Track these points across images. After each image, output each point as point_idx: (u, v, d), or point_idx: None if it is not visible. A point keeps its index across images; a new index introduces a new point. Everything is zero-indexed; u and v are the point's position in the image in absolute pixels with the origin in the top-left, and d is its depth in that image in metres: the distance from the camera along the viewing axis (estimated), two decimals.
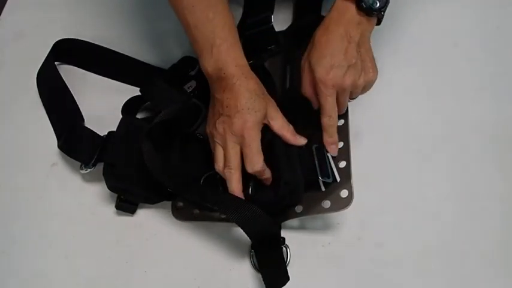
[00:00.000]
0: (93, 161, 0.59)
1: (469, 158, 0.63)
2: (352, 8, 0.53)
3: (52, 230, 0.60)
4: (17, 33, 0.76)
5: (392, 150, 0.63)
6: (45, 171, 0.64)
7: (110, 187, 0.58)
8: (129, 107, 0.65)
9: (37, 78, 0.70)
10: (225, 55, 0.54)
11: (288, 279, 0.53)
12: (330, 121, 0.55)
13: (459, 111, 0.66)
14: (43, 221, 0.61)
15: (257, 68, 0.64)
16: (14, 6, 0.80)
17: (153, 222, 0.61)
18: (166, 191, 0.59)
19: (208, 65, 0.54)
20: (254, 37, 0.70)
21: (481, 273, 0.57)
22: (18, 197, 0.63)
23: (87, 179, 0.63)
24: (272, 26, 0.71)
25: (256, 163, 0.52)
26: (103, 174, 0.57)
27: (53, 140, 0.65)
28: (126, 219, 0.61)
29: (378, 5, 0.53)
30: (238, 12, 0.74)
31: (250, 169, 0.52)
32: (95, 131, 0.61)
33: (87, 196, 0.62)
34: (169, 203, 0.61)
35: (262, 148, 0.53)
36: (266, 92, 0.55)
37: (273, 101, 0.55)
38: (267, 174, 0.54)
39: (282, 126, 0.54)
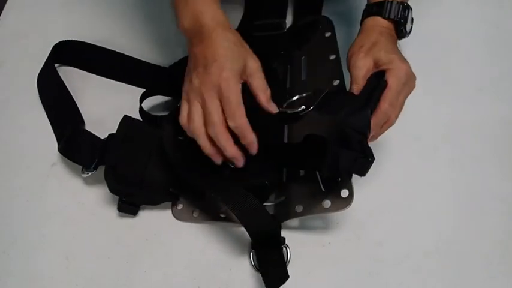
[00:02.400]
0: (94, 164, 0.59)
1: (469, 158, 0.63)
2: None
3: (52, 230, 0.60)
4: (17, 33, 0.76)
5: (392, 150, 0.63)
6: (45, 171, 0.64)
7: (111, 190, 0.58)
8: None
9: (37, 81, 0.70)
10: (201, 5, 0.51)
11: (287, 277, 0.53)
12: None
13: (459, 111, 0.66)
14: (43, 221, 0.61)
15: (267, 70, 0.64)
16: (14, 6, 0.80)
17: (153, 222, 0.61)
18: (168, 191, 0.59)
19: (185, 18, 0.52)
20: (264, 40, 0.69)
21: (481, 273, 0.57)
22: (18, 197, 0.63)
23: (87, 179, 0.63)
24: (284, 33, 0.70)
25: (238, 117, 0.48)
26: (104, 177, 0.57)
27: (53, 140, 0.65)
28: (126, 220, 0.61)
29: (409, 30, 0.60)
30: (239, 12, 0.74)
31: (231, 123, 0.48)
32: (96, 134, 0.61)
33: (87, 196, 0.62)
34: (169, 203, 0.61)
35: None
36: (247, 46, 0.52)
37: (256, 58, 0.51)
38: (250, 136, 0.50)
39: (258, 87, 0.50)
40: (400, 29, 0.59)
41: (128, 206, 0.60)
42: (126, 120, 0.60)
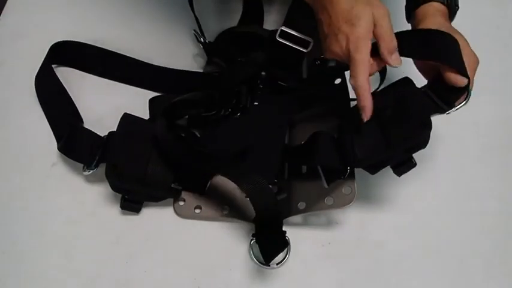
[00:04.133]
0: (95, 162, 0.59)
1: (469, 158, 0.63)
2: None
3: (52, 230, 0.60)
4: (16, 33, 0.76)
5: None
6: (45, 171, 0.64)
7: (113, 187, 0.58)
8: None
9: (35, 83, 0.70)
10: None
11: (286, 244, 0.54)
12: None
13: (459, 111, 0.66)
14: (43, 221, 0.61)
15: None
16: (14, 6, 0.80)
17: (153, 222, 0.61)
18: (170, 187, 0.58)
19: None
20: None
21: (481, 273, 0.57)
22: (18, 197, 0.63)
23: (87, 179, 0.63)
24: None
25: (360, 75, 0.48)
26: (106, 175, 0.56)
27: (53, 140, 0.65)
28: (126, 219, 0.61)
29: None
30: (238, 12, 0.74)
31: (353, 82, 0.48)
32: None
33: (87, 196, 0.62)
34: (170, 202, 0.61)
35: None
36: None
37: (383, 7, 0.49)
38: (366, 102, 0.49)
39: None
40: (454, 14, 0.57)
41: (131, 203, 0.60)
42: (126, 117, 0.59)
